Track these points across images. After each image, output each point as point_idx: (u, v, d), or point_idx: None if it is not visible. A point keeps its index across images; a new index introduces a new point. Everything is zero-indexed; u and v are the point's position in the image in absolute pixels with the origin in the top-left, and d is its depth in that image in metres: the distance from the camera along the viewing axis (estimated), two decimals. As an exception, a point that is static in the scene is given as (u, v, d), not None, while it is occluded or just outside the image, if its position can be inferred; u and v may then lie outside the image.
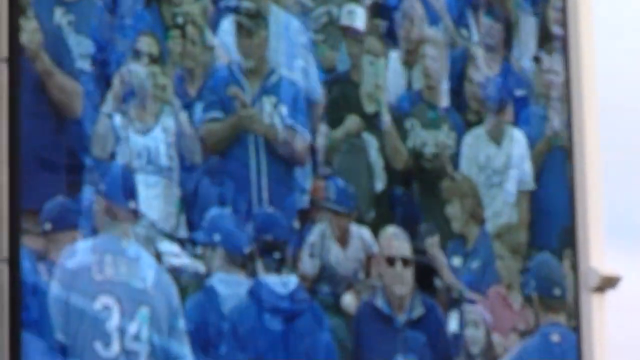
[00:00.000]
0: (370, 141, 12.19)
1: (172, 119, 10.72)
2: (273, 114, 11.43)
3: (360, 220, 11.80)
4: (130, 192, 10.06)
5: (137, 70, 10.56)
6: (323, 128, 11.99)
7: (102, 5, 10.85)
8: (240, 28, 11.28)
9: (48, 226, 9.34)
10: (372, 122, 12.20)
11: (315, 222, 11.70)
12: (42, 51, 9.91)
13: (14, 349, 8.13)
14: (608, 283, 10.73)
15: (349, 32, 12.18)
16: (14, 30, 9.44)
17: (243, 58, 11.34)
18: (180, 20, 11.14)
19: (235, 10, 11.29)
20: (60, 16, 10.45)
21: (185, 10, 11.09)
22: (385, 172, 12.16)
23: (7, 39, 9.07)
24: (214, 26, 11.59)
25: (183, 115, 10.77)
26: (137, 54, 10.65)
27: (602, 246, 10.87)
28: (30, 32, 9.93)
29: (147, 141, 10.68)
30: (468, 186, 12.43)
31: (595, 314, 10.66)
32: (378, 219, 11.88)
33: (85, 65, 10.49)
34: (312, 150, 11.71)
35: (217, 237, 10.31)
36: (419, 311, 11.13)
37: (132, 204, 9.86)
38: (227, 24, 11.56)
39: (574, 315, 10.77)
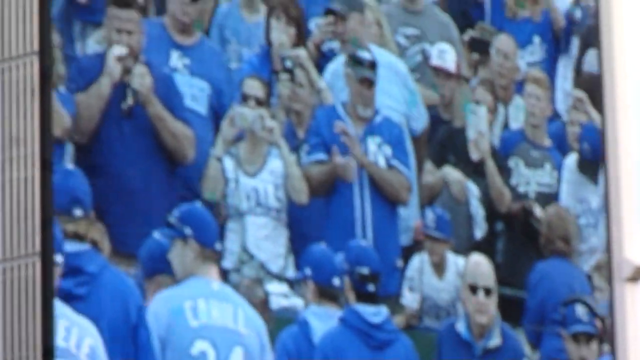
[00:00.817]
0: (473, 190, 12.16)
1: (280, 160, 10.77)
2: (377, 154, 11.39)
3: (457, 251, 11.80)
4: (218, 234, 9.84)
5: (246, 113, 10.60)
6: (427, 167, 11.94)
7: (218, 49, 11.05)
8: (359, 80, 11.27)
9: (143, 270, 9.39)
10: (475, 169, 12.15)
11: (415, 254, 11.71)
12: (153, 95, 10.16)
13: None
14: None
15: (441, 72, 12.22)
16: (44, 25, 8.47)
17: (358, 106, 11.36)
18: (289, 63, 11.23)
19: (353, 59, 11.28)
20: (176, 59, 10.71)
21: (293, 53, 11.15)
22: (485, 221, 12.14)
23: (39, 35, 8.32)
24: (321, 69, 11.69)
25: (290, 157, 10.82)
26: (245, 97, 10.73)
27: (636, 237, 9.76)
28: (140, 75, 10.15)
29: (255, 183, 10.74)
30: (566, 223, 12.23)
31: (629, 304, 9.76)
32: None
33: (200, 107, 10.76)
34: (415, 190, 11.58)
35: (308, 271, 10.13)
36: (496, 341, 10.85)
37: (218, 246, 9.67)
38: (334, 67, 11.68)
39: (609, 305, 9.85)
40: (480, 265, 11.07)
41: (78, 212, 8.39)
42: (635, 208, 9.90)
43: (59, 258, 7.97)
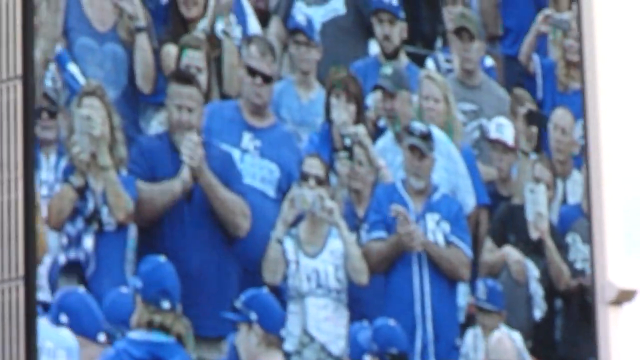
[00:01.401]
0: (532, 270, 11.99)
1: (340, 240, 10.65)
2: (436, 231, 11.25)
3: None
4: (283, 320, 9.87)
5: (305, 195, 10.51)
6: (487, 245, 11.76)
7: (290, 131, 11.05)
8: (411, 149, 11.24)
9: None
10: (535, 248, 11.98)
11: (469, 329, 11.50)
12: (205, 166, 10.07)
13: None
14: (625, 297, 10.87)
15: (499, 146, 12.14)
16: (27, 50, 8.98)
17: (411, 177, 11.27)
18: (348, 141, 11.13)
19: (406, 130, 11.29)
20: (248, 141, 10.67)
21: (352, 131, 11.05)
22: (544, 300, 11.97)
23: (22, 59, 8.79)
24: (377, 144, 11.56)
25: (350, 237, 10.70)
26: (305, 176, 10.63)
27: (619, 260, 11.05)
28: (192, 147, 10.11)
29: (316, 264, 10.61)
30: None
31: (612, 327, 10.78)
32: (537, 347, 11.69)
33: (269, 190, 10.67)
34: (474, 266, 11.42)
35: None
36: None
37: (283, 332, 9.65)
38: (383, 143, 11.60)
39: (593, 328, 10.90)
40: (503, 342, 11.07)
41: (165, 304, 8.56)
42: (618, 233, 11.31)
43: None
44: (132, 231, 9.71)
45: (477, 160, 11.80)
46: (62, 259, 9.33)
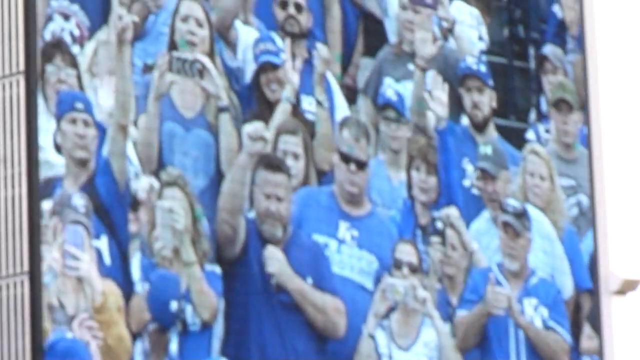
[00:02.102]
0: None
1: (433, 331, 10.15)
2: (534, 316, 10.72)
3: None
4: None
5: (397, 285, 9.99)
6: (586, 331, 11.22)
7: (386, 220, 10.45)
8: (505, 227, 10.67)
9: None
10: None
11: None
12: (291, 272, 9.62)
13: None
14: (628, 286, 10.94)
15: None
16: (30, 45, 8.84)
17: (506, 258, 10.71)
18: (439, 225, 10.57)
19: (501, 208, 10.73)
20: (344, 230, 10.13)
21: (444, 213, 10.51)
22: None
23: (24, 55, 8.69)
24: (471, 227, 10.98)
25: (444, 327, 10.21)
26: (397, 264, 10.11)
27: (622, 250, 11.22)
28: (276, 264, 9.62)
29: (409, 357, 10.12)
30: None
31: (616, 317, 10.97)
32: None
33: (366, 282, 10.13)
34: (574, 352, 10.94)
35: None
36: None
37: None
38: (484, 224, 10.94)
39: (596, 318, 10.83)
40: None
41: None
42: (621, 223, 11.41)
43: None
44: (219, 330, 9.10)
45: (579, 241, 11.14)
46: (147, 367, 8.85)
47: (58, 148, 8.79)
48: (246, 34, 10.01)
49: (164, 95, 9.36)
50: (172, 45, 9.57)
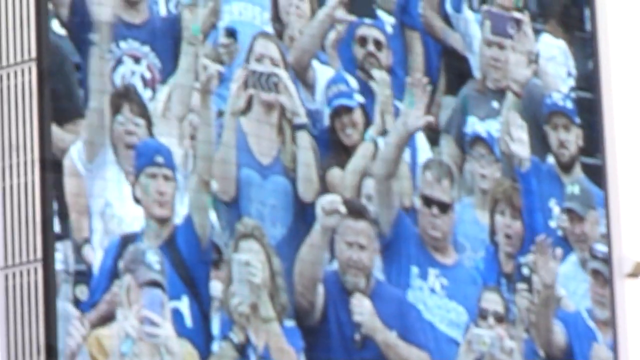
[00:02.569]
0: None
1: (522, 384, 9.63)
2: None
3: None
4: None
5: (483, 336, 9.50)
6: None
7: (472, 268, 9.98)
8: (594, 274, 10.38)
9: None
10: None
11: None
12: (379, 323, 9.20)
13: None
14: None
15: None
16: (41, 32, 8.61)
17: (597, 308, 10.38)
18: (525, 271, 10.10)
19: (590, 254, 10.44)
20: (433, 278, 9.65)
21: (530, 259, 10.03)
22: None
23: (36, 42, 8.46)
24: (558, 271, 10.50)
25: (533, 379, 9.69)
26: (483, 314, 9.64)
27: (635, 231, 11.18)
28: (362, 312, 9.14)
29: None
30: None
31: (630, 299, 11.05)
32: None
33: (456, 335, 9.67)
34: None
35: None
36: None
37: None
38: (572, 268, 10.49)
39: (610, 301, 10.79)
40: None
41: None
42: (633, 207, 11.26)
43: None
44: (300, 390, 8.70)
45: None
46: None
47: (137, 201, 8.39)
48: (324, 73, 9.46)
49: (240, 114, 9.02)
50: (246, 85, 9.10)
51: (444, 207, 9.50)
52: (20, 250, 8.12)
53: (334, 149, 9.58)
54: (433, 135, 10.09)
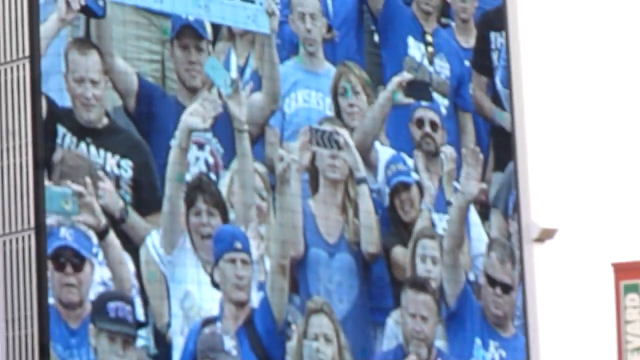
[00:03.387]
0: None
1: None
2: None
3: None
4: None
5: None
6: None
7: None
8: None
9: None
10: None
11: None
12: None
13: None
14: (547, 234, 11.97)
15: None
16: (34, 33, 9.65)
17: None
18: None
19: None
20: (493, 349, 10.07)
21: None
22: None
23: (29, 42, 9.46)
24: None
25: None
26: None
27: (542, 201, 12.25)
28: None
29: None
30: None
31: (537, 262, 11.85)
32: None
33: None
34: None
35: None
36: None
37: None
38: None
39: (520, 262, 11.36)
40: None
41: None
42: (541, 177, 12.48)
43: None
44: None
45: None
46: None
47: (216, 286, 8.71)
48: (384, 154, 9.90)
49: (305, 169, 9.52)
50: (310, 142, 9.77)
51: (507, 289, 9.99)
52: (16, 220, 9.15)
53: (394, 226, 10.00)
54: (483, 210, 10.47)
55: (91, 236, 8.89)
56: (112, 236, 8.94)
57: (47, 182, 9.17)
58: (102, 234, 8.95)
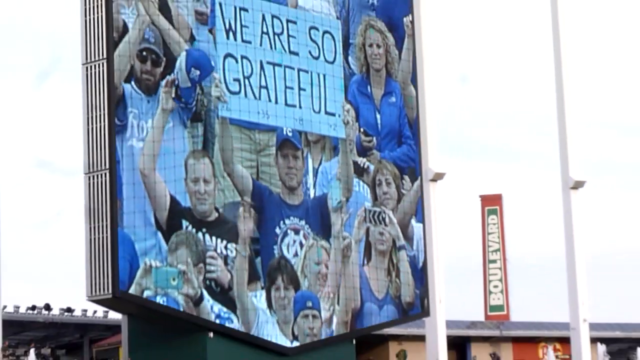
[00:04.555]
0: None
1: None
2: None
3: None
4: None
5: None
6: None
7: None
8: None
9: None
10: None
11: None
12: None
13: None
14: (439, 176, 18.44)
15: None
16: (110, 40, 15.46)
17: None
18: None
19: None
20: None
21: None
22: None
23: (105, 47, 15.75)
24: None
25: None
26: None
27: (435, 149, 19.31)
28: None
29: None
30: None
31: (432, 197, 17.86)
32: None
33: None
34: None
35: None
36: None
37: None
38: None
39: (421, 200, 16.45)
40: None
41: None
42: (434, 133, 19.26)
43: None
44: None
45: None
46: None
47: (295, 339, 12.86)
48: (419, 229, 13.91)
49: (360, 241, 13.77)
50: (365, 220, 14.13)
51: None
52: (96, 160, 16.22)
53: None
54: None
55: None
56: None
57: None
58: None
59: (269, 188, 14.84)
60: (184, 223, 14.28)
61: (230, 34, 15.29)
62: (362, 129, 17.03)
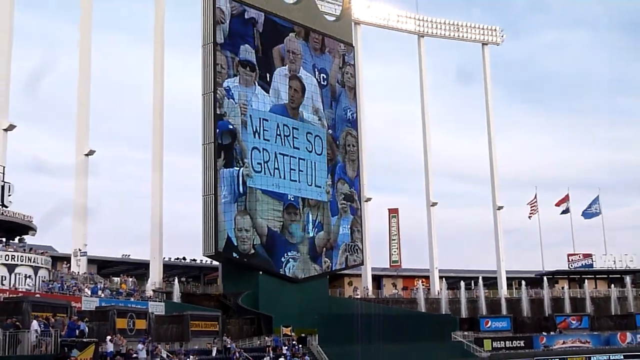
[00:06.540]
0: None
1: None
2: None
3: None
4: None
5: None
6: None
7: None
8: None
9: None
10: None
11: None
12: None
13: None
14: (369, 199, 61.51)
15: None
16: (208, 79, 47.19)
17: None
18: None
19: None
20: None
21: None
22: None
23: (202, 82, 49.41)
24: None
25: None
26: None
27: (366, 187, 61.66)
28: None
29: None
30: None
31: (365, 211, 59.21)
32: None
33: None
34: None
35: None
36: None
37: None
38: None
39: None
40: None
41: None
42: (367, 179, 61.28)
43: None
44: None
45: None
46: None
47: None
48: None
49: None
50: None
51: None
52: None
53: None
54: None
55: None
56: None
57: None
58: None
59: (278, 233, 24.08)
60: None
61: (256, 134, 26.98)
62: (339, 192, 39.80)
